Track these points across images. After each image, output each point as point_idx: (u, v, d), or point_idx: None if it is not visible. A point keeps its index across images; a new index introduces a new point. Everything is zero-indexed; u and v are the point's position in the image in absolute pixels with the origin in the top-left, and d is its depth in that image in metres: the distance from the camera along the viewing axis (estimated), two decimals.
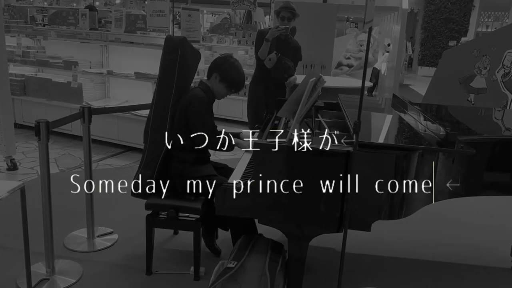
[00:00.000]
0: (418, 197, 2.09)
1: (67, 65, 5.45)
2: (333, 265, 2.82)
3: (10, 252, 2.78)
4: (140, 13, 6.17)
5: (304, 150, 1.93)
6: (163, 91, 2.62)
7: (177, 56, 2.59)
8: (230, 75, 2.61)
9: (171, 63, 2.60)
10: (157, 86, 2.65)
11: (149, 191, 2.56)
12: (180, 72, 2.61)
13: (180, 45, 2.59)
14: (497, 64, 5.01)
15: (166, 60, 2.62)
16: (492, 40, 5.09)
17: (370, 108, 3.06)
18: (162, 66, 2.64)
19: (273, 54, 4.13)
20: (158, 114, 2.62)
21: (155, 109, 2.64)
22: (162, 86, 2.63)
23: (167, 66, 2.62)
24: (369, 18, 1.66)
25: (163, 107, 2.61)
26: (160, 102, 2.62)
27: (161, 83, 2.63)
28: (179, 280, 2.58)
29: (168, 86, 2.61)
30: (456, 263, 2.99)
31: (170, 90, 2.60)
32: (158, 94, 2.64)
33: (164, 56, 2.62)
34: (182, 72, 2.62)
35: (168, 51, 2.61)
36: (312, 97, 2.09)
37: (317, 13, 7.19)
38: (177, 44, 2.59)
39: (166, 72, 2.62)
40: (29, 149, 5.02)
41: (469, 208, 3.91)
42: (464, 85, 5.26)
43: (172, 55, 2.59)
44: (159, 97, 2.63)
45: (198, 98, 2.56)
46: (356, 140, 1.81)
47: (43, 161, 2.41)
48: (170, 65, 2.60)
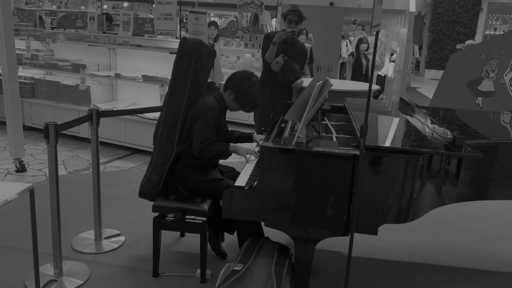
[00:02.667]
0: (425, 201, 2.09)
1: (75, 68, 5.49)
2: (340, 269, 2.81)
3: (19, 253, 2.81)
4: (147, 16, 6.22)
5: (311, 154, 1.93)
6: (175, 96, 2.55)
7: (192, 61, 2.49)
8: (245, 98, 2.56)
9: (185, 68, 2.51)
10: (169, 90, 2.57)
11: (156, 195, 2.57)
12: (193, 77, 2.52)
13: (195, 49, 2.48)
14: (505, 67, 4.97)
15: (179, 64, 2.53)
16: (500, 43, 5.05)
17: (377, 111, 3.05)
18: (175, 70, 2.54)
19: (280, 57, 4.14)
20: (169, 120, 2.57)
21: (166, 114, 2.58)
22: (174, 91, 2.56)
23: (180, 70, 2.53)
24: (377, 22, 1.66)
25: (175, 113, 2.55)
26: (171, 107, 2.56)
27: (173, 88, 2.56)
28: (186, 283, 2.59)
29: (181, 92, 2.53)
30: (463, 268, 2.97)
31: (183, 96, 2.53)
32: (170, 99, 2.57)
33: (178, 59, 2.53)
34: (196, 77, 2.53)
35: (182, 54, 2.52)
36: (318, 100, 2.10)
37: (324, 16, 7.20)
38: (192, 47, 2.49)
39: (179, 77, 2.53)
40: (37, 151, 5.06)
41: (476, 212, 3.88)
42: (472, 89, 5.22)
43: (186, 59, 2.50)
44: (170, 102, 2.56)
45: (210, 107, 2.49)
46: (363, 143, 1.81)
47: (52, 163, 2.43)
48: (184, 70, 2.51)
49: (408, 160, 1.93)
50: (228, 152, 2.54)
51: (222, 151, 2.53)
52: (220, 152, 2.53)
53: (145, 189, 2.58)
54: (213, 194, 2.54)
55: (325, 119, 2.83)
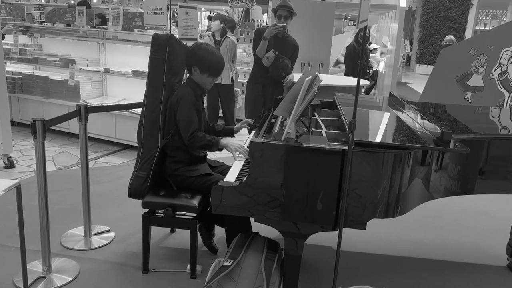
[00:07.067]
0: (413, 196, 2.10)
1: (64, 63, 5.44)
2: (329, 263, 2.83)
3: (7, 250, 2.78)
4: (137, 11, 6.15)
5: (300, 149, 1.93)
6: (153, 91, 2.58)
7: (165, 54, 2.55)
8: (205, 62, 2.56)
9: (160, 62, 2.56)
10: (147, 86, 2.61)
11: (145, 191, 2.56)
12: (169, 70, 2.57)
13: (167, 43, 2.54)
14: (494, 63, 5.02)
15: (154, 59, 2.58)
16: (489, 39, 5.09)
17: (368, 106, 3.06)
18: (151, 66, 2.60)
19: (271, 53, 4.14)
20: (150, 114, 2.58)
21: (147, 109, 2.60)
22: (152, 86, 2.59)
23: (155, 65, 2.58)
24: (364, 17, 1.66)
25: (155, 107, 2.57)
26: (151, 102, 2.58)
27: (151, 83, 2.59)
28: (176, 278, 2.59)
29: (158, 86, 2.57)
30: (452, 261, 3.01)
31: (160, 89, 2.57)
32: (149, 94, 2.60)
33: (152, 54, 2.58)
34: (171, 70, 2.58)
35: (155, 49, 2.57)
36: (308, 96, 2.10)
37: (315, 11, 7.18)
38: (164, 42, 2.54)
39: (155, 72, 2.58)
40: (26, 147, 5.01)
41: (464, 206, 3.92)
42: (461, 84, 5.26)
43: (160, 53, 2.55)
44: (149, 97, 2.59)
45: (186, 93, 2.54)
46: (352, 138, 1.81)
47: (39, 159, 2.41)
48: (159, 64, 2.57)
49: (396, 155, 1.94)
50: (218, 145, 2.53)
51: (212, 142, 2.51)
52: (210, 142, 2.51)
53: (134, 187, 2.57)
54: (203, 190, 2.55)
55: (315, 115, 2.83)
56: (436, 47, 15.80)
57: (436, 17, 16.10)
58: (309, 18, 7.06)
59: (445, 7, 15.89)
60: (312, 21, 7.12)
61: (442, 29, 16.02)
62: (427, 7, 16.19)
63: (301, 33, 6.20)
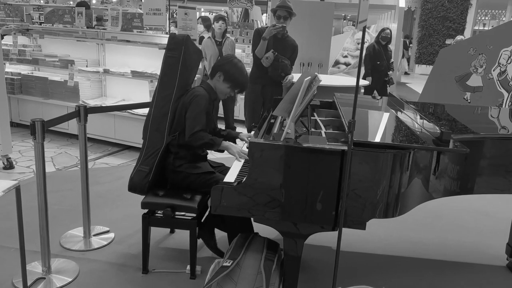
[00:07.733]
0: (413, 196, 2.10)
1: (63, 64, 5.43)
2: (329, 264, 2.83)
3: (6, 251, 2.78)
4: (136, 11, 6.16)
5: (299, 149, 1.93)
6: (165, 88, 2.65)
7: (180, 54, 2.62)
8: (233, 74, 2.64)
9: (174, 61, 2.63)
10: (159, 83, 2.67)
11: (146, 186, 2.57)
12: (182, 69, 2.64)
13: (183, 43, 2.62)
14: (493, 63, 5.02)
15: (169, 57, 2.65)
16: (488, 39, 5.10)
17: (367, 106, 3.06)
18: (165, 63, 2.67)
19: (270, 53, 4.13)
20: (159, 110, 2.65)
21: (156, 106, 2.66)
22: (164, 83, 2.66)
23: (169, 63, 2.65)
24: (363, 18, 1.66)
25: (164, 104, 2.63)
26: (161, 99, 2.65)
27: (163, 80, 2.66)
28: (176, 279, 2.59)
29: (170, 83, 2.64)
30: (451, 261, 3.01)
31: (172, 87, 2.63)
32: (160, 91, 2.66)
33: (167, 53, 2.66)
34: (184, 69, 2.65)
35: (171, 48, 2.64)
36: (307, 96, 2.10)
37: (314, 11, 7.19)
38: (180, 41, 2.62)
39: (169, 70, 2.64)
40: (25, 148, 5.01)
41: (464, 206, 3.92)
42: (461, 84, 5.27)
43: (175, 52, 2.62)
44: (160, 94, 2.65)
45: (200, 94, 2.59)
46: (351, 138, 1.82)
47: (39, 160, 2.41)
48: (173, 62, 2.63)
49: (395, 155, 1.94)
50: (219, 145, 2.56)
51: (213, 141, 2.54)
52: (212, 141, 2.54)
53: (135, 180, 2.59)
54: (205, 188, 2.55)
55: (314, 115, 2.83)
56: (435, 47, 15.79)
57: (435, 17, 16.09)
58: (309, 18, 7.07)
59: (444, 7, 15.88)
60: (311, 22, 7.13)
61: (441, 29, 16.01)
62: (426, 7, 16.18)
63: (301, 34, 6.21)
